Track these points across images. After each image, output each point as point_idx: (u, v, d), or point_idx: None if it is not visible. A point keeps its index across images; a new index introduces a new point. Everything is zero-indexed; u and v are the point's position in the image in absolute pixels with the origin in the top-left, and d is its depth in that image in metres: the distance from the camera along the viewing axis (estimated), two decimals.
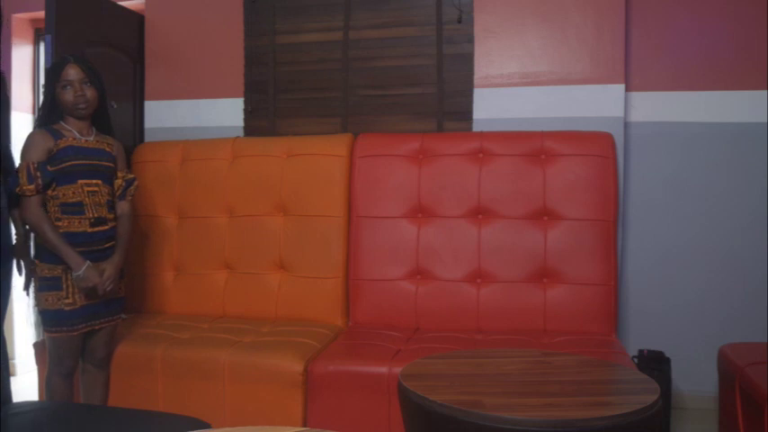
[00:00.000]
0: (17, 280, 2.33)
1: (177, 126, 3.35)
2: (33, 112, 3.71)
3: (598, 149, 2.77)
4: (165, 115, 3.38)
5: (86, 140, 2.34)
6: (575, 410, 1.53)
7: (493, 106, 3.03)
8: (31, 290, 2.36)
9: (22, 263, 2.34)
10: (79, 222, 2.28)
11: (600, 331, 2.67)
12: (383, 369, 2.29)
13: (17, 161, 2.28)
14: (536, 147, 2.82)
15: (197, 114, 3.35)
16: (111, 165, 2.40)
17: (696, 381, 2.95)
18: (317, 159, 2.95)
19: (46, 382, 2.34)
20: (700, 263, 3.00)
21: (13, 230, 2.31)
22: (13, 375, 3.41)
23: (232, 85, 3.31)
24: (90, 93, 2.31)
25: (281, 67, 3.28)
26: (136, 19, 3.38)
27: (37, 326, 2.36)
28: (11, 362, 3.34)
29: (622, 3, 2.92)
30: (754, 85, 2.95)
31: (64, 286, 2.26)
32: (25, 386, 3.16)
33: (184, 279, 3.04)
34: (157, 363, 2.47)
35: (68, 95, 2.28)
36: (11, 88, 3.42)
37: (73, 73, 2.28)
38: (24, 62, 3.68)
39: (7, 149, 2.30)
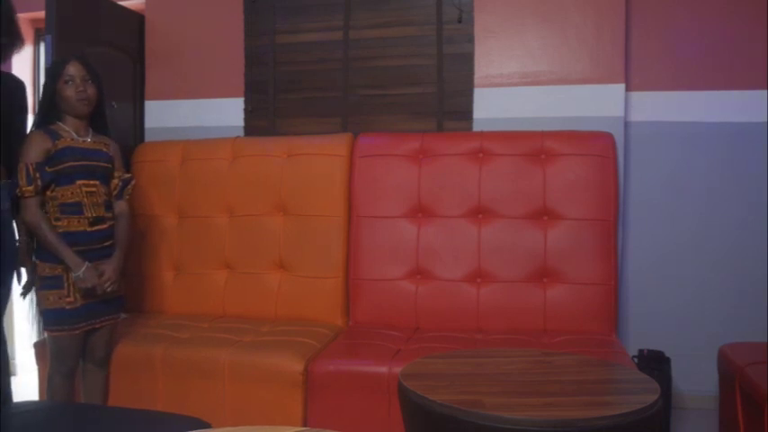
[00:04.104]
0: (16, 283, 2.32)
1: (177, 126, 3.35)
2: (34, 112, 3.70)
3: (598, 149, 2.77)
4: (166, 115, 3.38)
5: (84, 141, 2.35)
6: (575, 410, 1.53)
7: (493, 106, 3.03)
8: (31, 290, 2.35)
9: (23, 270, 2.34)
10: (78, 222, 2.29)
11: (600, 331, 2.67)
12: (383, 369, 2.29)
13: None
14: (536, 146, 2.82)
15: (197, 114, 3.35)
16: (108, 165, 2.41)
17: (696, 381, 2.95)
18: (316, 159, 2.95)
19: (47, 382, 2.34)
20: (700, 263, 3.00)
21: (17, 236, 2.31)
22: (13, 375, 3.41)
23: (232, 85, 3.31)
24: (91, 90, 2.32)
25: (281, 66, 3.28)
26: (136, 19, 3.38)
27: (37, 325, 2.35)
28: (11, 362, 3.33)
29: (622, 3, 2.92)
30: (754, 85, 2.94)
31: (65, 285, 2.26)
32: (25, 386, 3.16)
33: (184, 279, 3.04)
34: (157, 362, 2.47)
35: (70, 91, 2.29)
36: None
37: (75, 69, 2.29)
38: (24, 62, 3.67)
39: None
